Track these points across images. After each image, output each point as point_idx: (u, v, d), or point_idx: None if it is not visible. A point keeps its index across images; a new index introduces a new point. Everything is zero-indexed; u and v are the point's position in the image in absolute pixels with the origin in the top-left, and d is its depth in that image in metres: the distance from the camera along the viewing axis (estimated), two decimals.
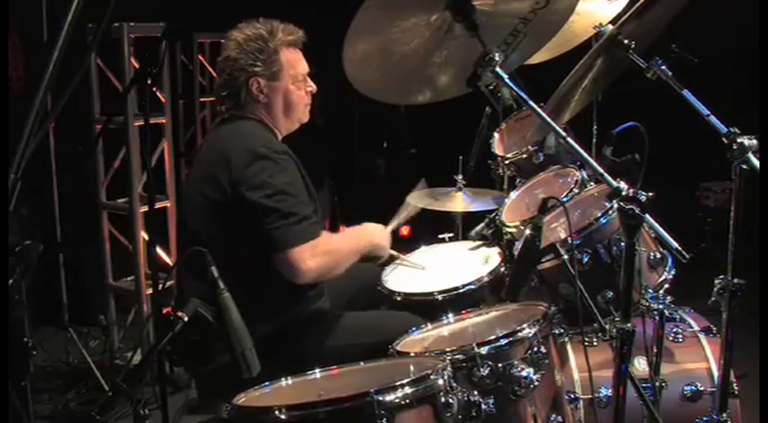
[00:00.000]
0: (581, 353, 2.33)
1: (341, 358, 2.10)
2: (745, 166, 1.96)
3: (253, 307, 2.23)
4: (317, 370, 2.02)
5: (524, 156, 3.14)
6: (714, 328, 2.50)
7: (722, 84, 4.77)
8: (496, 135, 3.46)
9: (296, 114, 2.58)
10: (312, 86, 2.60)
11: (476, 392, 1.87)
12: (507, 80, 2.04)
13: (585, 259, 2.31)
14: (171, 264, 4.19)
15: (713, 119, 2.03)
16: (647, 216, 2.08)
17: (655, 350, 2.36)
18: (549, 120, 1.97)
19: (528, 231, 2.19)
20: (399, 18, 2.12)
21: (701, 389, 2.37)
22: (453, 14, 2.14)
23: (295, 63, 2.54)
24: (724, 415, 2.18)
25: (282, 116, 2.55)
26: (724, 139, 1.98)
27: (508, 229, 2.71)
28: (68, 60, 1.41)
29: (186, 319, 1.77)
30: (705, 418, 2.30)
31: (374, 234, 2.71)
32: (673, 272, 2.41)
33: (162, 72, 4.07)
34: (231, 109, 2.51)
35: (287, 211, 2.32)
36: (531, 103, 2.02)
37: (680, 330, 2.51)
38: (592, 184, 2.70)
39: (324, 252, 2.38)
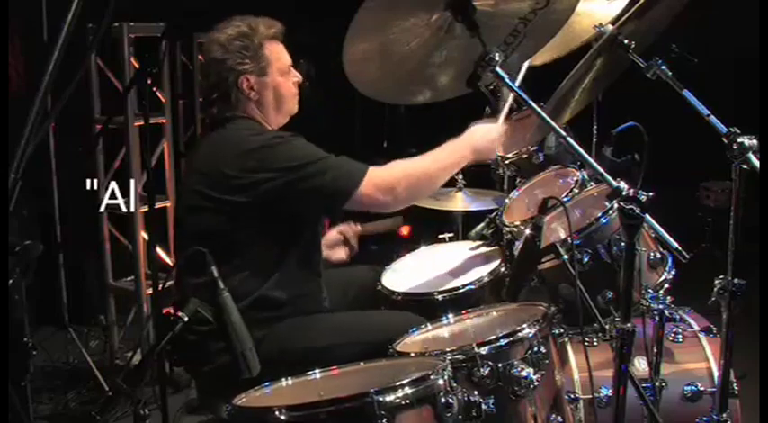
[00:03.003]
0: (581, 353, 2.33)
1: (341, 358, 2.10)
2: (745, 166, 1.96)
3: (254, 307, 2.24)
4: (316, 370, 2.02)
5: (524, 156, 3.14)
6: (714, 328, 2.50)
7: (723, 84, 4.77)
8: None
9: (286, 107, 2.58)
10: (297, 76, 2.59)
11: (476, 392, 1.86)
12: (507, 80, 2.04)
13: (585, 259, 2.30)
14: (171, 264, 4.19)
15: (713, 119, 2.03)
16: (647, 216, 2.08)
17: (655, 350, 2.36)
18: (549, 120, 1.97)
19: (528, 231, 2.18)
20: (399, 18, 2.12)
21: (701, 389, 2.37)
22: (453, 14, 2.14)
23: (280, 55, 2.53)
24: (724, 415, 2.18)
25: (274, 111, 2.54)
26: (724, 139, 1.98)
27: (508, 229, 2.70)
28: (68, 60, 1.41)
29: (186, 319, 1.77)
30: (705, 418, 2.30)
31: (473, 139, 2.59)
32: (673, 272, 2.41)
33: (162, 72, 4.07)
34: (222, 111, 2.50)
35: (320, 162, 2.34)
36: (531, 103, 2.02)
37: (680, 330, 2.51)
38: (592, 184, 2.70)
39: (389, 175, 2.40)
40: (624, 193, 1.74)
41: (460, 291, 2.58)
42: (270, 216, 2.36)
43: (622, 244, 1.90)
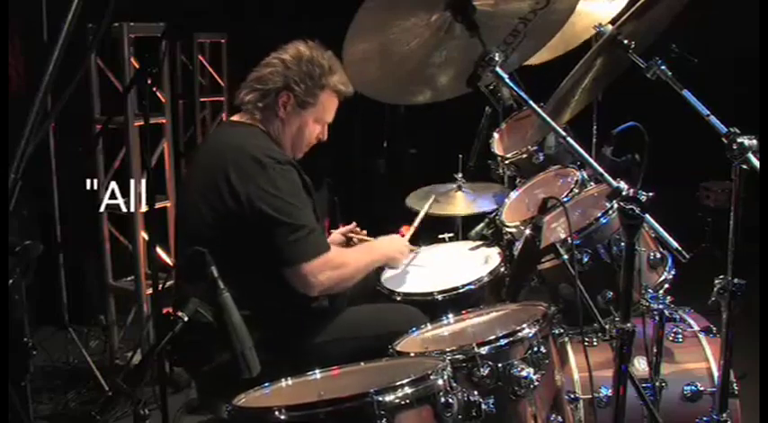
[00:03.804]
0: (581, 353, 2.33)
1: (342, 353, 2.10)
2: (745, 166, 1.96)
3: (253, 307, 2.24)
4: (316, 370, 2.02)
5: (524, 156, 3.14)
6: (714, 328, 2.50)
7: (723, 84, 4.77)
8: (496, 135, 3.46)
9: (297, 147, 2.62)
10: (324, 135, 2.65)
11: (476, 392, 1.86)
12: (507, 80, 2.04)
13: (585, 259, 2.30)
14: (171, 264, 4.20)
15: (713, 119, 2.03)
16: (647, 216, 2.08)
17: (655, 350, 2.36)
18: (549, 120, 1.96)
19: (528, 231, 2.18)
20: (399, 18, 2.12)
21: (701, 389, 2.38)
22: (453, 14, 2.14)
23: (328, 108, 2.60)
24: (724, 415, 2.18)
25: (290, 139, 2.59)
26: (724, 139, 1.98)
27: (508, 229, 2.71)
28: (68, 60, 1.41)
29: (186, 319, 1.77)
30: (705, 418, 2.30)
31: (389, 247, 2.78)
32: (673, 272, 2.41)
33: (162, 72, 4.07)
34: (251, 102, 2.53)
35: (296, 223, 2.35)
36: (531, 102, 2.01)
37: (680, 330, 2.51)
38: (592, 184, 2.70)
39: (335, 266, 2.43)
40: (624, 193, 1.74)
41: (460, 291, 2.58)
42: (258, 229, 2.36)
43: (622, 244, 1.90)
